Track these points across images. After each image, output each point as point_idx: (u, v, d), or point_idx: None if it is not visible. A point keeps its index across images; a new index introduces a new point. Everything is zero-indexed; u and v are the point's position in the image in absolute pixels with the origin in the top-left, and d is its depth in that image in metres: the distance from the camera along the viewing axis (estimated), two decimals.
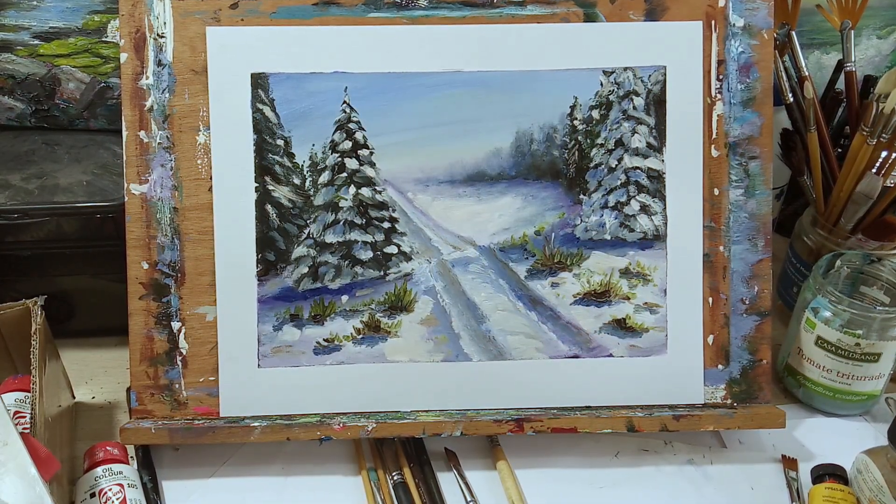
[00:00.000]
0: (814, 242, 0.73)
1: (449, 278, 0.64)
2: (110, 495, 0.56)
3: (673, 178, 0.64)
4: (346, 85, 0.62)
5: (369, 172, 0.63)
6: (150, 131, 0.61)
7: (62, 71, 0.71)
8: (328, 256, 0.63)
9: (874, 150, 0.67)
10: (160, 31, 0.61)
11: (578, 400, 0.63)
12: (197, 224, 0.61)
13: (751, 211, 0.64)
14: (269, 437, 0.61)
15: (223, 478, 0.62)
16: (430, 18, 0.62)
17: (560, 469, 0.63)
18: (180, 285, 0.61)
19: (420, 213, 0.63)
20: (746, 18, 0.63)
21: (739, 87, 0.63)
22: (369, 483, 0.61)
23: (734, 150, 0.64)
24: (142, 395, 0.61)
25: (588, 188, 0.64)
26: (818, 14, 0.76)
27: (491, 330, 0.64)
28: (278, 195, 0.62)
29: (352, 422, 0.61)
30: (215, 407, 0.62)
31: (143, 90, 0.61)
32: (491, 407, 0.63)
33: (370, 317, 0.63)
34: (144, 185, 0.61)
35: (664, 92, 0.63)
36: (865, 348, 0.63)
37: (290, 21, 0.61)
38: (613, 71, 0.63)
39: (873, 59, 0.85)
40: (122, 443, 0.61)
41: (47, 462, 0.51)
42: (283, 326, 0.62)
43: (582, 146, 0.64)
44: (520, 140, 0.63)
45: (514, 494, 0.60)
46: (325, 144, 0.62)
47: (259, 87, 0.61)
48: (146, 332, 0.61)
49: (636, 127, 0.64)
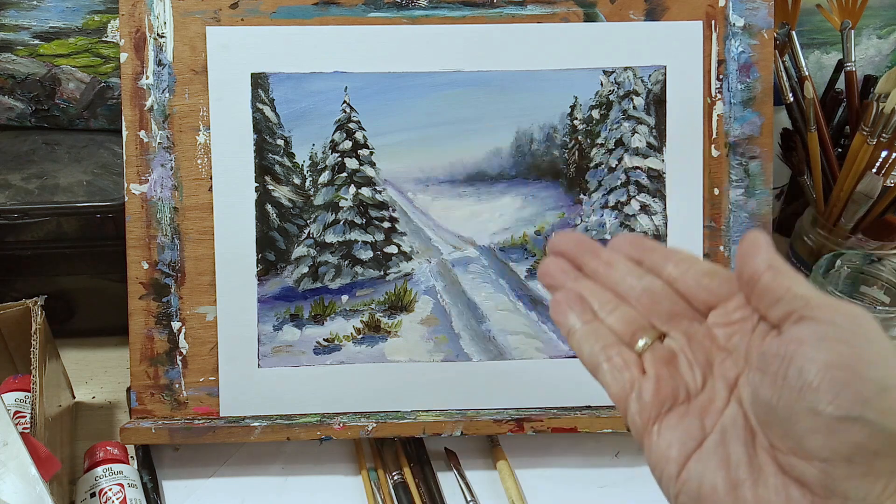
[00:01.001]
0: (814, 242, 0.73)
1: (449, 278, 0.64)
2: (110, 495, 0.56)
3: (673, 177, 0.64)
4: (346, 85, 0.62)
5: (369, 172, 0.63)
6: (150, 131, 0.61)
7: (62, 71, 0.71)
8: (328, 256, 0.63)
9: (874, 150, 0.67)
10: (160, 31, 0.61)
11: (578, 400, 0.63)
12: (197, 224, 0.61)
13: (751, 211, 0.64)
14: (269, 437, 0.61)
15: (223, 478, 0.62)
16: (430, 18, 0.62)
17: (560, 469, 0.63)
18: (180, 285, 0.61)
19: (420, 212, 0.63)
20: (746, 18, 0.63)
21: (739, 87, 0.63)
22: (369, 483, 0.61)
23: (734, 149, 0.64)
24: (142, 395, 0.61)
25: (588, 188, 0.64)
26: (818, 14, 0.76)
27: (491, 330, 0.64)
28: (278, 195, 0.62)
29: (352, 422, 0.61)
30: (215, 407, 0.62)
31: (143, 90, 0.61)
32: (491, 407, 0.63)
33: (370, 316, 0.63)
34: (144, 184, 0.61)
35: (664, 92, 0.63)
36: None
37: (290, 21, 0.61)
38: (613, 71, 0.63)
39: (873, 59, 0.85)
40: (122, 443, 0.61)
41: (47, 462, 0.51)
42: (283, 326, 0.62)
43: (582, 146, 0.64)
44: (520, 140, 0.63)
45: (514, 494, 0.60)
46: (325, 144, 0.62)
47: (259, 86, 0.61)
48: (146, 332, 0.61)
49: (636, 127, 0.64)
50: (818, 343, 0.29)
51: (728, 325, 0.34)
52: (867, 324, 0.30)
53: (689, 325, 0.35)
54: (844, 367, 0.28)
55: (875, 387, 0.28)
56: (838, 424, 0.28)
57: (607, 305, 0.37)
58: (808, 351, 0.29)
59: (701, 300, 0.35)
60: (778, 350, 0.30)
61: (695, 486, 0.32)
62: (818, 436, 0.29)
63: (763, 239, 0.33)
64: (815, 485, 0.29)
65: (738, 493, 0.31)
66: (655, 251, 0.37)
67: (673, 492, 0.32)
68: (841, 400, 0.28)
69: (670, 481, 0.32)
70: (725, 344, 0.34)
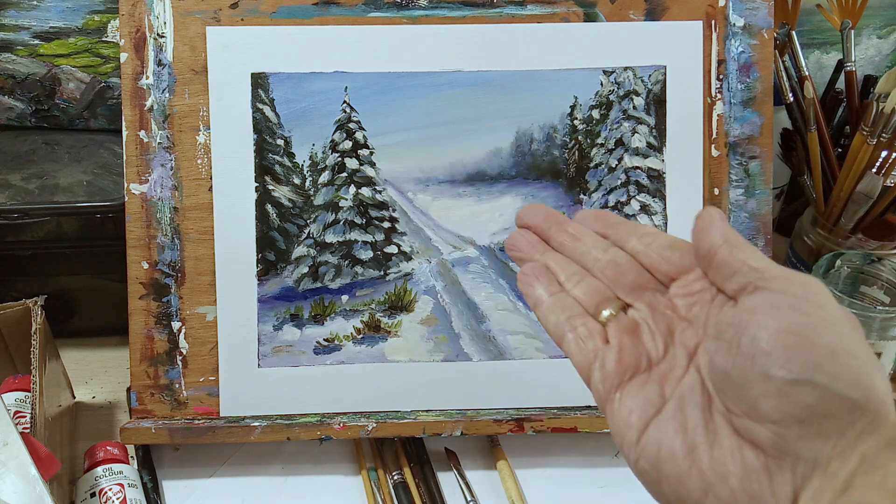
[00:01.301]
0: (814, 242, 0.73)
1: (449, 278, 0.64)
2: (110, 495, 0.56)
3: (673, 177, 0.64)
4: (346, 85, 0.62)
5: (369, 172, 0.63)
6: (150, 131, 0.61)
7: (62, 71, 0.71)
8: (328, 256, 0.63)
9: (874, 149, 0.67)
10: (160, 31, 0.61)
11: (578, 400, 0.63)
12: (197, 224, 0.61)
13: (751, 211, 0.64)
14: (269, 437, 0.61)
15: (223, 478, 0.62)
16: (430, 18, 0.62)
17: (560, 469, 0.63)
18: (180, 285, 0.61)
19: (420, 212, 0.63)
20: (746, 18, 0.63)
21: (739, 87, 0.63)
22: (369, 483, 0.61)
23: (734, 149, 0.64)
24: (142, 395, 0.61)
25: (588, 188, 0.64)
26: (818, 14, 0.76)
27: (491, 329, 0.64)
28: (278, 195, 0.62)
29: (352, 421, 0.61)
30: (215, 407, 0.62)
31: (143, 90, 0.61)
32: (491, 407, 0.63)
33: (370, 316, 0.63)
34: (144, 184, 0.61)
35: (664, 92, 0.63)
36: None
37: (290, 21, 0.61)
38: (613, 70, 0.63)
39: (873, 59, 0.85)
40: (123, 442, 0.61)
41: (47, 462, 0.51)
42: (284, 326, 0.62)
43: (582, 146, 0.64)
44: (520, 140, 0.63)
45: (514, 494, 0.60)
46: (325, 144, 0.62)
47: (259, 86, 0.61)
48: (146, 332, 0.61)
49: (636, 126, 0.64)
50: (771, 311, 0.30)
51: (688, 295, 0.35)
52: (819, 291, 0.31)
53: (653, 296, 0.36)
54: (796, 333, 0.29)
55: (825, 351, 0.29)
56: (790, 388, 0.29)
57: (573, 277, 0.38)
58: (761, 318, 0.30)
59: (663, 272, 0.36)
60: (732, 319, 0.31)
61: (653, 451, 0.32)
62: (771, 399, 0.30)
63: (717, 214, 0.34)
64: (769, 446, 0.30)
65: (695, 456, 0.31)
66: (620, 225, 0.39)
67: (633, 457, 0.33)
68: (792, 364, 0.29)
69: (631, 447, 0.33)
70: (686, 314, 0.35)
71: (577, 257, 0.39)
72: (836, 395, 0.29)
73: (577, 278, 0.38)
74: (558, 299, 0.37)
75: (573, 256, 0.39)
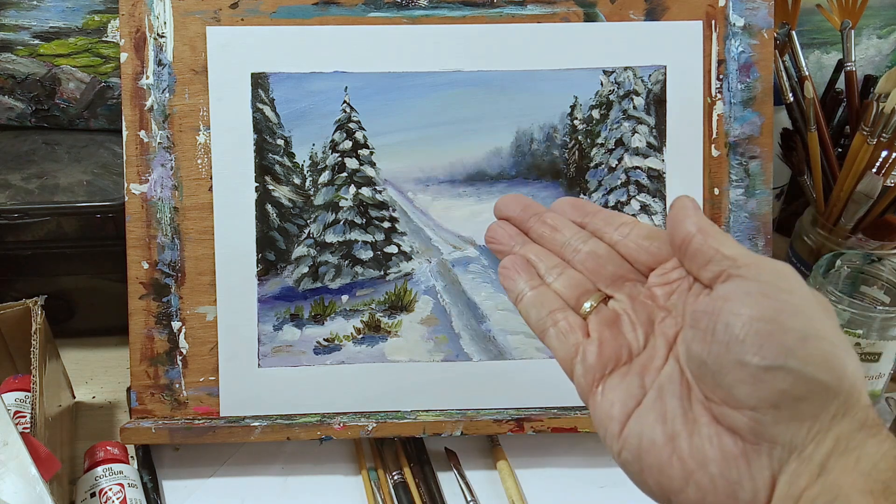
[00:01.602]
0: (814, 242, 0.73)
1: (449, 278, 0.64)
2: (110, 495, 0.56)
3: (673, 177, 0.64)
4: (346, 85, 0.62)
5: (369, 172, 0.63)
6: (150, 131, 0.61)
7: (62, 71, 0.71)
8: (328, 256, 0.63)
9: (874, 149, 0.67)
10: (160, 31, 0.61)
11: (578, 400, 0.63)
12: (197, 224, 0.61)
13: (751, 211, 0.64)
14: (269, 437, 0.61)
15: (223, 478, 0.62)
16: (430, 18, 0.62)
17: (560, 469, 0.63)
18: (180, 285, 0.61)
19: (420, 212, 0.63)
20: (746, 18, 0.63)
21: (739, 87, 0.63)
22: (369, 483, 0.61)
23: (734, 149, 0.64)
24: (142, 395, 0.61)
25: (588, 188, 0.64)
26: (818, 14, 0.76)
27: (491, 329, 0.64)
28: (278, 195, 0.62)
29: (352, 421, 0.61)
30: (215, 407, 0.62)
31: (143, 90, 0.61)
32: (491, 407, 0.63)
33: (370, 316, 0.63)
34: (144, 184, 0.61)
35: (664, 91, 0.63)
36: (866, 348, 0.63)
37: (290, 21, 0.61)
38: (613, 70, 0.63)
39: (873, 59, 0.85)
40: (123, 442, 0.61)
41: (48, 462, 0.51)
42: (284, 326, 0.62)
43: (582, 146, 0.64)
44: (520, 140, 0.63)
45: (514, 494, 0.60)
46: (325, 144, 0.62)
47: (259, 86, 0.61)
48: (146, 332, 0.61)
49: (636, 126, 0.64)
50: (743, 298, 0.31)
51: (667, 284, 0.36)
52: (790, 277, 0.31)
53: (633, 286, 0.37)
54: (767, 320, 0.30)
55: (797, 336, 0.29)
56: (764, 374, 0.29)
57: (554, 270, 0.38)
58: (734, 306, 0.30)
59: (642, 262, 0.37)
60: (706, 307, 0.32)
61: (635, 442, 0.33)
62: (746, 386, 0.30)
63: (691, 203, 0.34)
64: (746, 431, 0.30)
65: (675, 444, 0.32)
66: (598, 214, 0.39)
67: (616, 449, 0.34)
68: (765, 351, 0.29)
69: (613, 439, 0.34)
70: (665, 303, 0.35)
71: (557, 249, 0.39)
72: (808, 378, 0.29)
73: (557, 271, 0.38)
74: (539, 293, 0.37)
75: (553, 248, 0.39)
